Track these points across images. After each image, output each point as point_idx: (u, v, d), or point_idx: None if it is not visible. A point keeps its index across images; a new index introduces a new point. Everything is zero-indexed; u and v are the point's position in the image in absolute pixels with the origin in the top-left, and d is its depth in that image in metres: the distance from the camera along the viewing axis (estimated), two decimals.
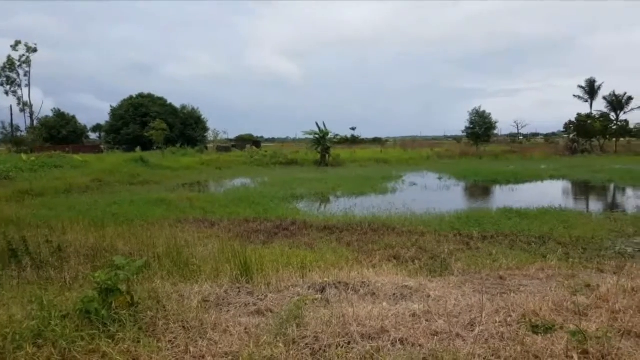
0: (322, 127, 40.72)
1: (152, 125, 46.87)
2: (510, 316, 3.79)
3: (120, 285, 3.71)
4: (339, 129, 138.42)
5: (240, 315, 4.01)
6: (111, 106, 68.02)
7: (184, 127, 65.81)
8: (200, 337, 3.44)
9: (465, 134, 58.54)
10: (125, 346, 3.19)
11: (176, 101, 71.44)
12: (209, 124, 71.82)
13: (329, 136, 41.13)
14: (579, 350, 3.04)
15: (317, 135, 40.69)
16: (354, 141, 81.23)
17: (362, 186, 21.90)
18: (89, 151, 52.85)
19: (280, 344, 3.20)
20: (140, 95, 67.54)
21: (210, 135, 72.03)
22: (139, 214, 13.56)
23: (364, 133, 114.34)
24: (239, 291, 4.75)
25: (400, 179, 25.98)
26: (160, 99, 68.18)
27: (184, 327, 3.61)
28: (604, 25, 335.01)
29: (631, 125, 53.61)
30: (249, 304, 4.34)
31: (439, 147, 57.83)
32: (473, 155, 47.99)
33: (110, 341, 3.24)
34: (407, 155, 46.67)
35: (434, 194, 20.07)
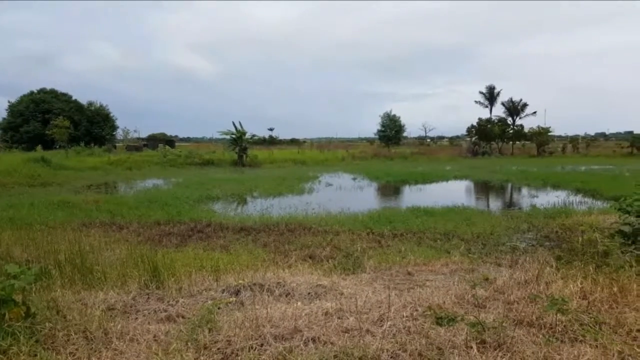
0: (239, 127, 40.19)
1: (55, 123, 43.45)
2: (417, 310, 4.00)
3: (15, 296, 3.42)
4: (256, 129, 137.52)
5: (149, 323, 3.86)
6: (9, 102, 62.14)
7: (91, 125, 61.71)
8: (105, 348, 3.26)
9: (377, 136, 60.79)
10: None
11: (82, 97, 66.94)
12: (119, 122, 67.93)
13: (246, 136, 40.69)
14: (478, 340, 3.27)
15: (234, 135, 40.07)
16: (271, 142, 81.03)
17: (279, 187, 21.93)
18: None
19: (191, 351, 3.13)
20: (42, 91, 62.34)
21: (119, 134, 68.20)
22: (39, 217, 12.58)
23: (282, 134, 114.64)
24: (148, 297, 4.57)
25: (316, 180, 26.35)
26: (65, 94, 63.41)
27: (86, 337, 3.41)
28: (502, 36, 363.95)
29: (526, 130, 58.40)
30: (158, 310, 4.18)
31: (353, 149, 59.33)
32: (385, 156, 49.82)
33: (2, 356, 2.98)
34: (323, 156, 47.41)
35: (348, 194, 20.59)
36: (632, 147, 53.86)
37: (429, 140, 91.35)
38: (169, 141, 66.92)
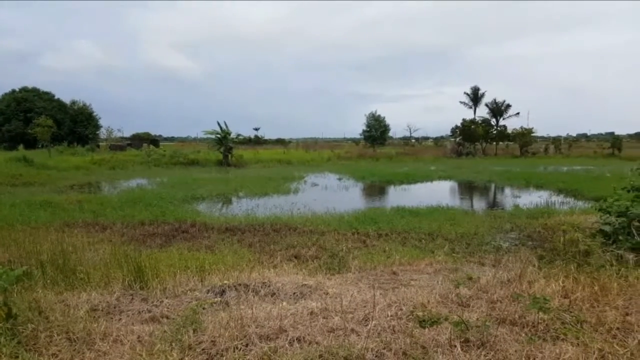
0: (224, 126, 39.98)
1: (37, 122, 42.78)
2: (401, 310, 4.02)
3: None
4: (242, 129, 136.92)
5: (133, 324, 3.82)
6: None
7: (74, 124, 60.99)
8: (88, 349, 3.22)
9: (363, 136, 61.01)
10: None
11: (65, 96, 66.01)
12: (102, 121, 67.38)
13: (232, 136, 40.49)
14: (461, 340, 3.31)
15: (218, 135, 39.84)
16: (257, 142, 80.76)
17: (265, 187, 21.86)
18: None
19: (175, 351, 3.11)
20: (24, 89, 61.50)
21: (103, 133, 67.44)
22: (21, 217, 12.40)
23: (268, 134, 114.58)
24: (132, 298, 4.52)
25: (302, 180, 26.34)
26: (47, 93, 62.55)
27: (69, 338, 3.36)
28: (486, 38, 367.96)
29: (509, 130, 59.03)
30: (142, 311, 4.15)
31: (339, 149, 59.50)
32: (370, 157, 49.98)
33: None
34: (309, 156, 47.43)
35: (334, 194, 20.62)
36: (613, 148, 54.87)
37: (413, 140, 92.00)
38: (153, 140, 66.39)
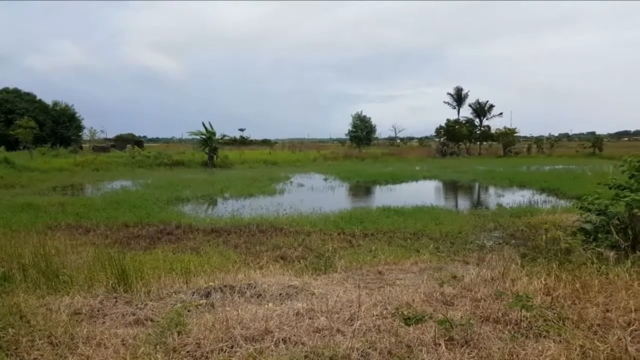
0: (208, 127, 39.70)
1: (19, 123, 42.05)
2: (387, 309, 4.05)
3: None
4: (227, 129, 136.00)
5: (116, 327, 3.78)
6: None
7: (56, 126, 59.91)
8: (71, 353, 3.19)
9: (348, 137, 61.11)
10: None
11: (47, 97, 64.85)
12: (85, 123, 66.18)
13: (217, 137, 40.23)
14: (446, 338, 3.34)
15: (203, 136, 39.54)
16: (243, 142, 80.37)
17: (250, 188, 21.78)
18: None
19: (160, 354, 3.09)
20: (5, 90, 60.25)
21: (86, 135, 66.42)
22: (2, 220, 12.22)
23: (254, 134, 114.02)
24: (116, 301, 4.48)
25: (288, 180, 26.31)
26: (28, 94, 61.43)
27: (51, 343, 3.32)
28: (468, 39, 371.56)
29: (492, 130, 59.63)
30: (126, 314, 4.10)
31: (324, 150, 59.43)
32: (356, 157, 50.11)
33: None
34: (295, 157, 47.36)
35: (320, 195, 20.63)
36: (594, 147, 55.89)
37: (399, 141, 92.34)
38: (137, 142, 65.62)
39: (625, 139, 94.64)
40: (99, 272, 5.44)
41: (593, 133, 71.58)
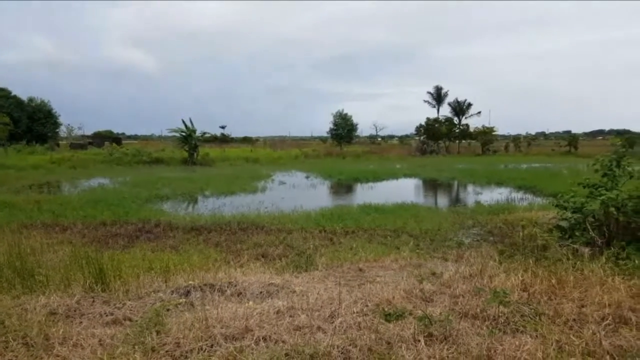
0: (188, 124, 39.26)
1: None
2: (367, 306, 4.07)
3: None
4: (208, 127, 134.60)
5: (94, 327, 3.72)
6: None
7: (32, 122, 58.37)
8: (46, 354, 3.12)
9: (330, 135, 61.19)
10: None
11: (22, 93, 63.02)
12: (62, 119, 64.69)
13: (197, 134, 39.79)
14: (425, 334, 3.38)
15: (183, 133, 39.04)
16: (224, 140, 79.71)
17: (231, 185, 21.65)
18: None
19: (138, 354, 3.05)
20: None
21: (63, 131, 65.04)
22: None
23: (235, 132, 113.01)
24: (93, 301, 4.40)
25: (269, 178, 26.22)
26: (3, 89, 59.64)
27: (26, 344, 3.25)
28: (447, 39, 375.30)
29: (471, 129, 60.35)
30: (104, 313, 4.04)
31: (306, 147, 59.38)
32: (337, 155, 50.19)
33: None
34: (276, 155, 47.19)
35: (301, 193, 20.62)
36: (570, 146, 57.01)
37: (380, 139, 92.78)
38: (116, 139, 64.53)
39: (600, 137, 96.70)
40: (76, 272, 5.34)
41: (569, 132, 72.91)
